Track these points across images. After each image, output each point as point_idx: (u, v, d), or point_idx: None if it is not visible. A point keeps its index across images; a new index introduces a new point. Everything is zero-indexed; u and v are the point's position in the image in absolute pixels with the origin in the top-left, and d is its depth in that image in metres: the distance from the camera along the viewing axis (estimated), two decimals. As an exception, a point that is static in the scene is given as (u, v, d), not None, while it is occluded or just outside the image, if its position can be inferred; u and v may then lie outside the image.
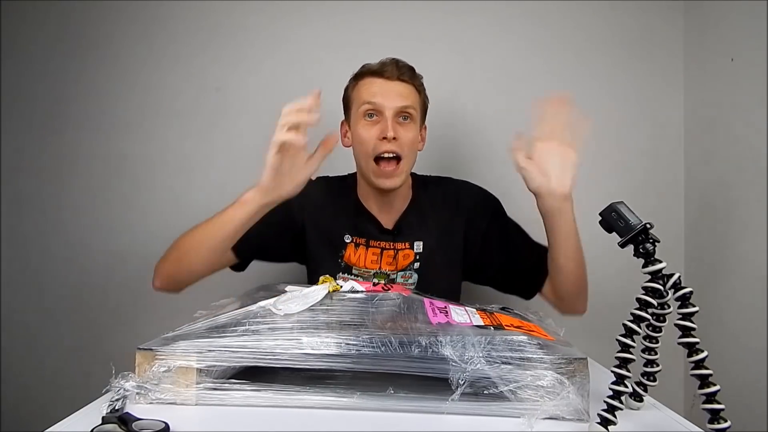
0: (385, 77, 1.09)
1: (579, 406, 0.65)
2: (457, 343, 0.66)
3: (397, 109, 1.08)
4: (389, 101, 1.08)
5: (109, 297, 1.53)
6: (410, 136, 1.09)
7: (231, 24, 1.54)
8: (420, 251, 1.16)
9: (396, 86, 1.09)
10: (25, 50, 1.54)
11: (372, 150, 1.08)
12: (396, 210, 1.18)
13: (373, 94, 1.09)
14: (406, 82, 1.10)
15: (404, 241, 1.16)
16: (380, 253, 1.15)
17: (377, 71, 1.10)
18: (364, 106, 1.09)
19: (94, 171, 1.54)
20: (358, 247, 1.15)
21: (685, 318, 0.60)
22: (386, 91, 1.08)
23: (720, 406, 0.57)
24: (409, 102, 1.09)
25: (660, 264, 0.61)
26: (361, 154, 1.11)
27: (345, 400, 0.67)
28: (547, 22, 1.54)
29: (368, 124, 1.09)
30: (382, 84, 1.09)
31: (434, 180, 1.25)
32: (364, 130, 1.09)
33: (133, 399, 0.67)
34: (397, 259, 1.15)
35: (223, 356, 0.67)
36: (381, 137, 1.07)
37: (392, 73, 1.09)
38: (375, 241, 1.16)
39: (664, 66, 1.54)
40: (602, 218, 0.65)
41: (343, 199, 1.20)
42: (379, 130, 1.08)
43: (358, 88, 1.12)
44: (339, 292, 0.80)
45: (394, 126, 1.07)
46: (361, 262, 1.15)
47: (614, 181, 1.53)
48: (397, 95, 1.09)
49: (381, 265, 1.15)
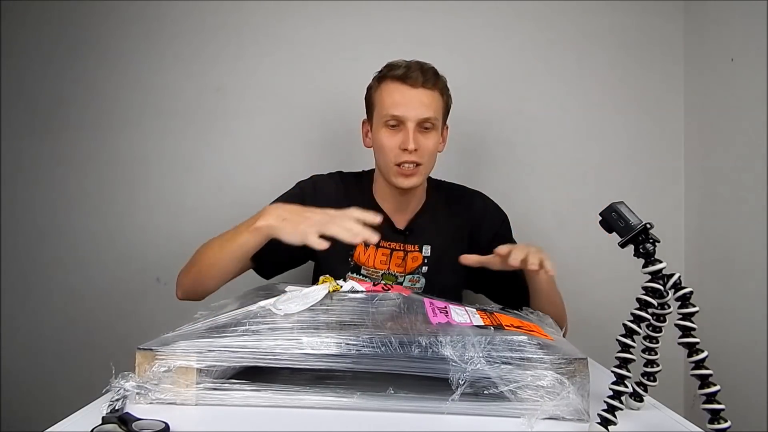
0: (408, 84, 1.08)
1: (579, 406, 0.65)
2: (457, 343, 0.66)
3: (420, 120, 1.08)
4: (412, 112, 1.07)
5: (109, 297, 1.53)
6: (431, 144, 1.10)
7: (231, 24, 1.54)
8: (428, 255, 1.16)
9: (419, 95, 1.08)
10: (25, 50, 1.53)
11: (393, 158, 1.09)
12: (410, 210, 1.19)
13: (395, 105, 1.08)
14: (430, 89, 1.09)
15: (414, 244, 1.17)
16: (390, 254, 1.16)
17: (401, 77, 1.09)
18: (387, 116, 1.09)
19: (93, 171, 1.54)
20: (368, 247, 1.15)
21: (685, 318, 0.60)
22: (409, 101, 1.08)
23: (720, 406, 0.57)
24: (432, 112, 1.09)
25: (660, 264, 0.61)
26: (381, 159, 1.13)
27: (345, 400, 0.67)
28: (547, 22, 1.54)
29: (390, 132, 1.10)
30: (406, 92, 1.08)
31: (448, 186, 1.26)
32: (386, 138, 1.10)
33: (133, 399, 0.66)
34: (406, 261, 1.16)
35: (223, 356, 0.67)
36: (402, 148, 1.08)
37: (416, 80, 1.08)
38: (386, 242, 1.16)
39: (664, 66, 1.54)
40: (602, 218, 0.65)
41: (358, 196, 1.19)
42: (400, 140, 1.08)
43: (381, 93, 1.11)
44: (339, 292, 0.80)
45: (415, 137, 1.07)
46: (370, 262, 1.15)
47: (614, 181, 1.53)
48: (420, 105, 1.08)
49: (390, 266, 1.15)
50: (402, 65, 1.11)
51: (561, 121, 1.55)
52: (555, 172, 1.55)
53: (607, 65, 1.54)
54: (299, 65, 1.54)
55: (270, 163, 1.53)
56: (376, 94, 1.13)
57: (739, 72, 1.31)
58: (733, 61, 1.33)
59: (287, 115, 1.54)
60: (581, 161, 1.55)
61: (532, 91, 1.55)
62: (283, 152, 1.54)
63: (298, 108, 1.54)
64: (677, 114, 1.54)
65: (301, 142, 1.54)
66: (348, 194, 1.19)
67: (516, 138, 1.55)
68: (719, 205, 1.39)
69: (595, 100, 1.54)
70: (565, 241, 1.53)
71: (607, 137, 1.55)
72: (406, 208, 1.18)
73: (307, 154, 1.53)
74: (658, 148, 1.54)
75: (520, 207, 1.50)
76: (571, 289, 1.55)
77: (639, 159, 1.54)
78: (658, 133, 1.54)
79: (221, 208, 1.51)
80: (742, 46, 1.30)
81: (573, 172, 1.55)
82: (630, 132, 1.54)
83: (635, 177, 1.53)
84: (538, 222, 1.54)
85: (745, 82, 1.29)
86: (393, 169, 1.10)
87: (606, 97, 1.54)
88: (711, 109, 1.43)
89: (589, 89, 1.54)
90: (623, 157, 1.54)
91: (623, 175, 1.53)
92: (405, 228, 1.18)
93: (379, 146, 1.11)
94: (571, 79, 1.54)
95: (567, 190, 1.54)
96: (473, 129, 1.53)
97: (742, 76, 1.30)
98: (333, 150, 1.50)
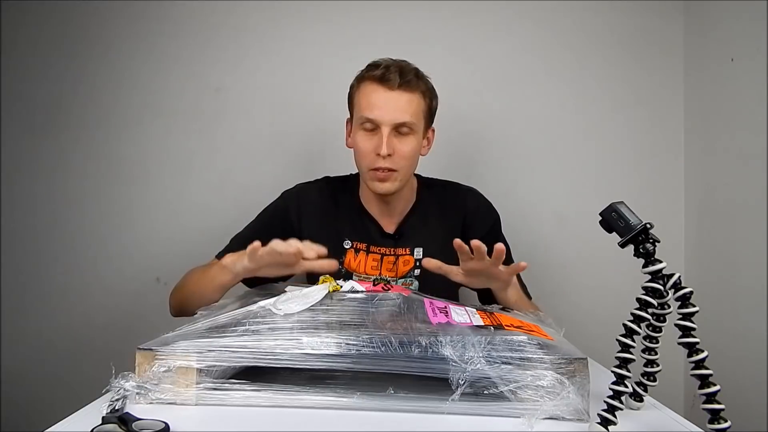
0: (385, 85, 1.04)
1: (579, 406, 0.65)
2: (457, 343, 0.66)
3: (395, 124, 1.04)
4: (387, 115, 1.04)
5: (109, 297, 1.53)
6: (408, 149, 1.06)
7: (231, 24, 1.54)
8: (420, 257, 1.13)
9: (397, 98, 1.04)
10: (25, 50, 1.53)
11: (368, 163, 1.07)
12: (398, 213, 1.16)
13: (371, 107, 1.05)
14: (408, 91, 1.05)
15: (405, 247, 1.14)
16: (380, 259, 1.14)
17: (378, 78, 1.05)
18: (362, 119, 1.06)
19: (93, 171, 1.54)
20: (359, 253, 1.14)
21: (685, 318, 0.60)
22: (385, 104, 1.04)
23: (720, 406, 0.57)
24: (409, 116, 1.05)
25: (660, 264, 0.61)
26: (358, 162, 1.10)
27: (345, 400, 0.67)
28: (547, 22, 1.54)
29: (366, 135, 1.06)
30: (382, 94, 1.04)
31: (440, 183, 1.23)
32: (361, 140, 1.07)
33: (133, 399, 0.66)
34: (398, 265, 1.14)
35: (223, 356, 0.67)
36: (376, 153, 1.05)
37: (393, 82, 1.03)
38: (375, 247, 1.14)
39: (664, 66, 1.54)
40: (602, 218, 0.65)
41: (345, 200, 1.18)
42: (375, 144, 1.05)
43: (359, 94, 1.08)
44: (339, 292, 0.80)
45: (390, 142, 1.04)
46: (361, 268, 1.14)
47: (614, 181, 1.53)
48: (396, 109, 1.04)
49: (381, 271, 1.14)
50: (381, 65, 1.06)
51: (561, 121, 1.55)
52: (555, 172, 1.55)
53: (607, 65, 1.54)
54: (299, 65, 1.54)
55: (270, 163, 1.53)
56: (356, 95, 1.09)
57: (739, 72, 1.31)
58: (733, 61, 1.33)
59: (287, 115, 1.54)
60: (581, 161, 1.55)
61: (532, 91, 1.55)
62: (283, 152, 1.54)
63: (298, 108, 1.54)
64: (677, 114, 1.54)
65: (301, 142, 1.54)
66: (335, 200, 1.17)
67: (516, 138, 1.55)
68: (719, 205, 1.39)
69: (595, 100, 1.54)
70: (565, 241, 1.53)
71: (607, 137, 1.54)
72: (394, 211, 1.16)
73: (307, 154, 1.53)
74: (658, 148, 1.54)
75: (520, 207, 1.50)
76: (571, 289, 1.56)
77: (639, 159, 1.54)
78: (658, 133, 1.54)
79: (221, 208, 1.51)
80: (742, 46, 1.30)
81: (573, 172, 1.54)
82: (630, 132, 1.54)
83: (635, 177, 1.53)
84: (538, 222, 1.54)
85: (745, 82, 1.29)
86: (368, 174, 1.07)
87: (606, 97, 1.54)
88: (711, 109, 1.43)
89: (589, 89, 1.54)
90: (623, 157, 1.54)
91: (623, 175, 1.53)
92: (394, 232, 1.15)
93: (355, 149, 1.09)
94: (571, 79, 1.54)
95: (567, 190, 1.54)
96: (473, 129, 1.53)
97: (742, 76, 1.30)
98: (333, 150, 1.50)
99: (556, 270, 1.52)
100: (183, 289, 1.06)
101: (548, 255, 1.52)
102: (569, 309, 1.49)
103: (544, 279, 1.43)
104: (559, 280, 1.52)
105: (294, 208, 1.14)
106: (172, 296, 1.09)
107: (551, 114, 1.54)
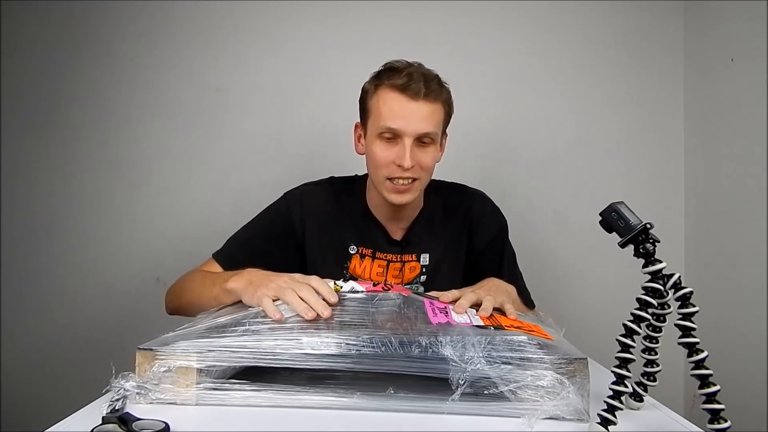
0: (408, 95, 0.98)
1: (579, 406, 0.64)
2: (457, 343, 0.66)
3: (419, 135, 0.99)
4: (411, 127, 0.98)
5: (109, 297, 1.53)
6: (428, 159, 1.02)
7: (231, 24, 1.54)
8: (426, 263, 1.11)
9: (420, 108, 0.98)
10: (25, 50, 1.54)
11: (387, 173, 1.01)
12: (406, 219, 1.13)
13: (393, 117, 0.99)
14: (431, 101, 1.00)
15: (411, 253, 1.11)
16: (386, 265, 1.11)
17: (401, 87, 0.98)
18: (382, 128, 1.00)
19: (94, 171, 1.54)
20: (364, 259, 1.11)
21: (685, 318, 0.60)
22: (408, 115, 0.98)
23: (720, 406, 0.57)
24: (432, 126, 1.00)
25: (660, 264, 0.61)
26: (374, 171, 1.05)
27: (345, 400, 0.67)
28: (547, 23, 1.54)
29: (385, 145, 1.01)
30: (405, 104, 0.98)
31: (448, 187, 1.19)
32: (380, 150, 1.01)
33: (133, 399, 0.66)
34: (404, 271, 1.11)
35: (223, 356, 0.67)
36: (398, 164, 0.99)
37: (418, 92, 0.98)
38: (382, 253, 1.11)
39: (664, 66, 1.54)
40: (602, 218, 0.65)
41: (350, 204, 1.13)
42: (395, 154, 1.00)
43: (378, 101, 1.01)
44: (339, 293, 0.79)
45: (412, 153, 0.99)
46: (366, 274, 1.11)
47: (614, 181, 1.53)
48: (420, 119, 0.99)
49: (387, 277, 1.11)
50: (403, 72, 1.00)
51: (561, 121, 1.55)
52: (555, 172, 1.55)
53: (607, 65, 1.54)
54: (299, 65, 1.54)
55: (270, 163, 1.53)
56: (372, 101, 1.03)
57: (739, 72, 1.31)
58: (733, 61, 1.33)
59: (287, 115, 1.54)
60: (581, 161, 1.55)
61: (532, 91, 1.55)
62: (283, 152, 1.54)
63: (298, 108, 1.54)
64: (677, 114, 1.54)
65: (301, 142, 1.54)
66: (339, 203, 1.13)
67: (516, 138, 1.55)
68: (719, 205, 1.39)
69: (595, 100, 1.54)
70: (565, 241, 1.53)
71: (607, 137, 1.55)
72: (402, 218, 1.12)
73: (307, 154, 1.53)
74: (658, 148, 1.54)
75: (521, 207, 1.50)
76: (571, 289, 1.56)
77: (639, 159, 1.54)
78: (658, 133, 1.54)
79: (221, 208, 1.52)
80: (742, 46, 1.30)
81: (573, 172, 1.55)
82: (630, 132, 1.54)
83: (635, 177, 1.53)
84: (538, 222, 1.54)
85: (745, 82, 1.29)
86: (386, 185, 1.02)
87: (606, 96, 1.54)
88: (711, 109, 1.43)
89: (589, 89, 1.54)
90: (623, 157, 1.54)
91: (623, 175, 1.54)
92: (402, 239, 1.12)
93: (372, 158, 1.03)
94: (572, 79, 1.54)
95: (567, 190, 1.54)
96: (473, 129, 1.53)
97: (742, 76, 1.30)
98: (333, 150, 1.50)
99: (556, 270, 1.52)
100: (182, 296, 1.01)
101: (549, 255, 1.52)
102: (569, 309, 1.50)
103: (544, 279, 1.43)
104: (559, 279, 1.53)
105: (297, 212, 1.11)
106: (169, 297, 1.06)
107: (551, 114, 1.55)
